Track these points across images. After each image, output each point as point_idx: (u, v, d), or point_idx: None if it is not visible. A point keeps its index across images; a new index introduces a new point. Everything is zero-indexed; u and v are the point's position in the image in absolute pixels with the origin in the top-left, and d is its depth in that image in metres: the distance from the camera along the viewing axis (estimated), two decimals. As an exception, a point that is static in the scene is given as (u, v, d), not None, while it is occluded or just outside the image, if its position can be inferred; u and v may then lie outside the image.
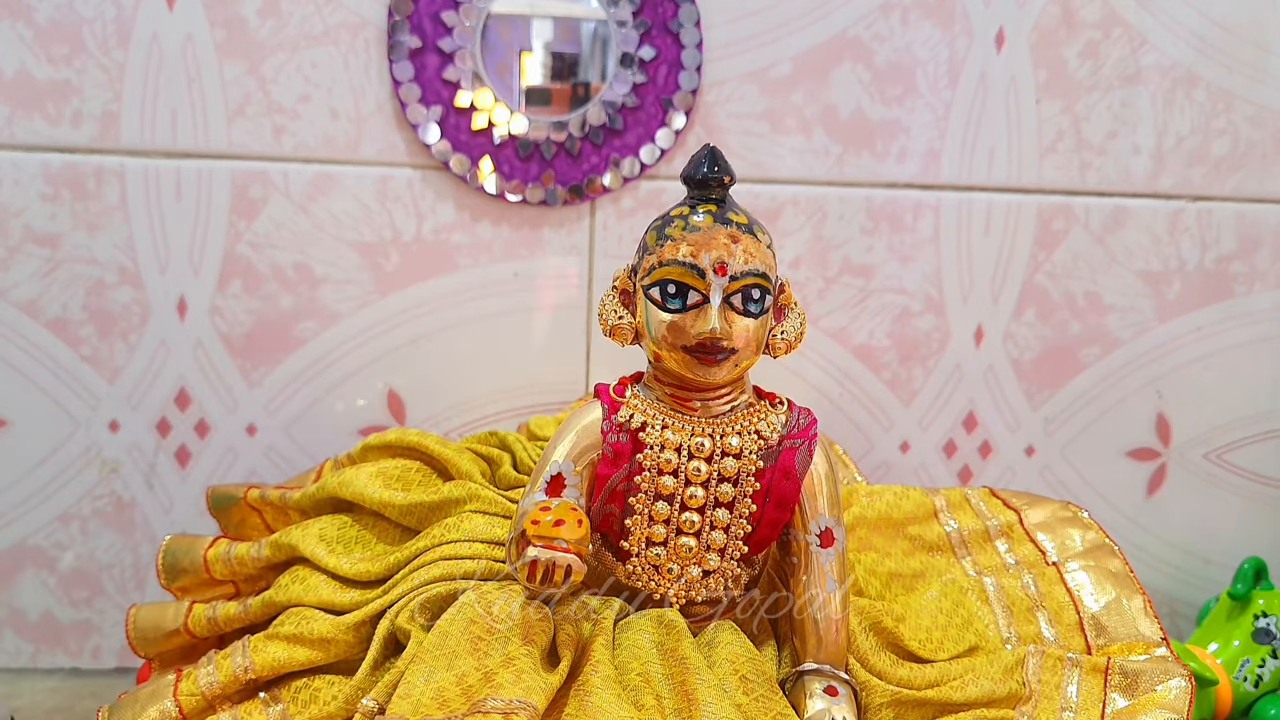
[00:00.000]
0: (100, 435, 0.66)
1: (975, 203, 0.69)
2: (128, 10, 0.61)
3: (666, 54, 0.65)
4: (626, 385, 0.47)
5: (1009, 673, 0.46)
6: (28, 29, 0.61)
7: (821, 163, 0.67)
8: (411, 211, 0.66)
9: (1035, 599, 0.51)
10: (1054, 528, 0.55)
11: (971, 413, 0.72)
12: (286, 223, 0.65)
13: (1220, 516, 0.75)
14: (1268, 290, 0.72)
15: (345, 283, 0.66)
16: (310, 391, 0.68)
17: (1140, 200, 0.70)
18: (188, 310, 0.65)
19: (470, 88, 0.64)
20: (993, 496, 0.57)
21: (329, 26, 0.63)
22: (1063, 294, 0.71)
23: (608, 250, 0.68)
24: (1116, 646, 0.48)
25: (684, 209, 0.44)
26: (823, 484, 0.46)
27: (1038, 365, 0.72)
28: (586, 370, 0.69)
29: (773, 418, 0.46)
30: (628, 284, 0.46)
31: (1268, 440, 0.74)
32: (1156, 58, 0.68)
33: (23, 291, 0.64)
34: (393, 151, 0.65)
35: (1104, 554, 0.53)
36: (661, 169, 0.66)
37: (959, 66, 0.67)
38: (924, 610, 0.50)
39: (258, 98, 0.63)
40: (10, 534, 0.67)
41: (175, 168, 0.64)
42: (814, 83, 0.66)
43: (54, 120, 0.62)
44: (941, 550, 0.55)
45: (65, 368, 0.65)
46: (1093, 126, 0.69)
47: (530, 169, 0.65)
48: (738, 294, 0.43)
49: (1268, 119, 0.70)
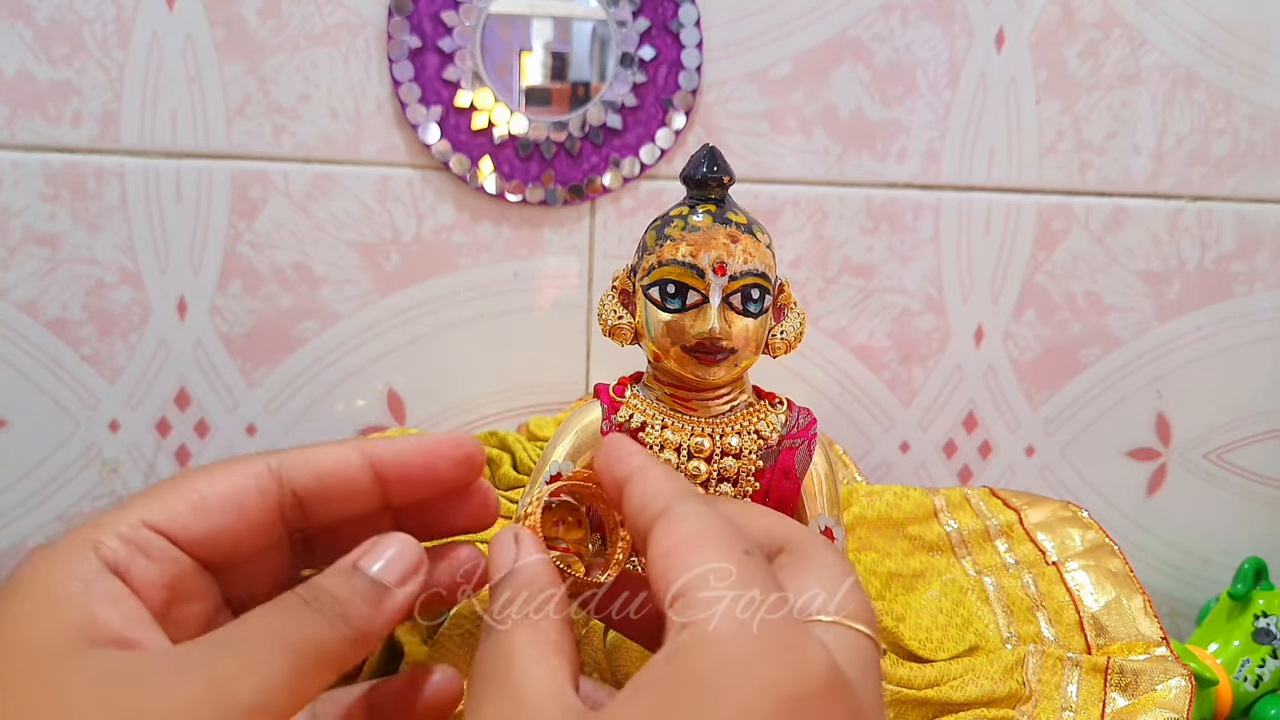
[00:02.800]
0: (100, 435, 0.66)
1: (975, 203, 0.69)
2: (128, 10, 0.61)
3: (666, 54, 0.65)
4: (626, 385, 0.47)
5: (1009, 672, 0.46)
6: (28, 29, 0.61)
7: (821, 163, 0.67)
8: (411, 211, 0.66)
9: (1035, 598, 0.51)
10: (1054, 527, 0.55)
11: (971, 413, 0.72)
12: (286, 223, 0.65)
13: (1220, 516, 0.75)
14: (1268, 290, 0.72)
15: (345, 283, 0.66)
16: (310, 391, 0.68)
17: (1140, 200, 0.70)
18: (188, 310, 0.65)
19: (470, 88, 0.64)
20: (993, 496, 0.57)
21: (329, 26, 0.63)
22: (1063, 294, 0.71)
23: (608, 250, 0.68)
24: (1116, 646, 0.48)
25: (683, 209, 0.44)
26: (822, 484, 0.46)
27: (1038, 365, 0.72)
28: (586, 370, 0.69)
29: (772, 418, 0.46)
30: (627, 284, 0.46)
31: (1268, 440, 0.74)
32: (1156, 58, 0.68)
33: (23, 291, 0.64)
34: (393, 151, 0.65)
35: (1104, 554, 0.53)
36: (661, 169, 0.66)
37: (959, 66, 0.67)
38: (924, 610, 0.50)
39: (258, 98, 0.63)
40: (10, 534, 0.67)
41: (175, 168, 0.64)
42: (814, 83, 0.66)
43: (54, 120, 0.62)
44: (941, 550, 0.55)
45: (65, 368, 0.65)
46: (1093, 126, 0.69)
47: (530, 169, 0.65)
48: (737, 294, 0.42)
49: (1268, 119, 0.70)
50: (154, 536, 0.28)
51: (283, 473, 0.30)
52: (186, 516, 0.29)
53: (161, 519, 0.28)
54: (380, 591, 0.29)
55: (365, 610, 0.28)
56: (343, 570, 0.29)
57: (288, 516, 0.31)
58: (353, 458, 0.31)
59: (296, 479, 0.30)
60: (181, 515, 0.29)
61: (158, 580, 0.28)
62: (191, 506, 0.29)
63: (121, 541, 0.28)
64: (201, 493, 0.29)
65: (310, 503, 0.31)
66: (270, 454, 0.31)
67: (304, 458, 0.31)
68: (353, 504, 0.31)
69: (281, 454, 0.31)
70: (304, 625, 0.27)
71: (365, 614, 0.28)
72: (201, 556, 0.29)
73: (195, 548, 0.29)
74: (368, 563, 0.29)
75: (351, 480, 0.31)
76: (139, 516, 0.28)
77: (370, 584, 0.29)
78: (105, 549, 0.27)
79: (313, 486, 0.31)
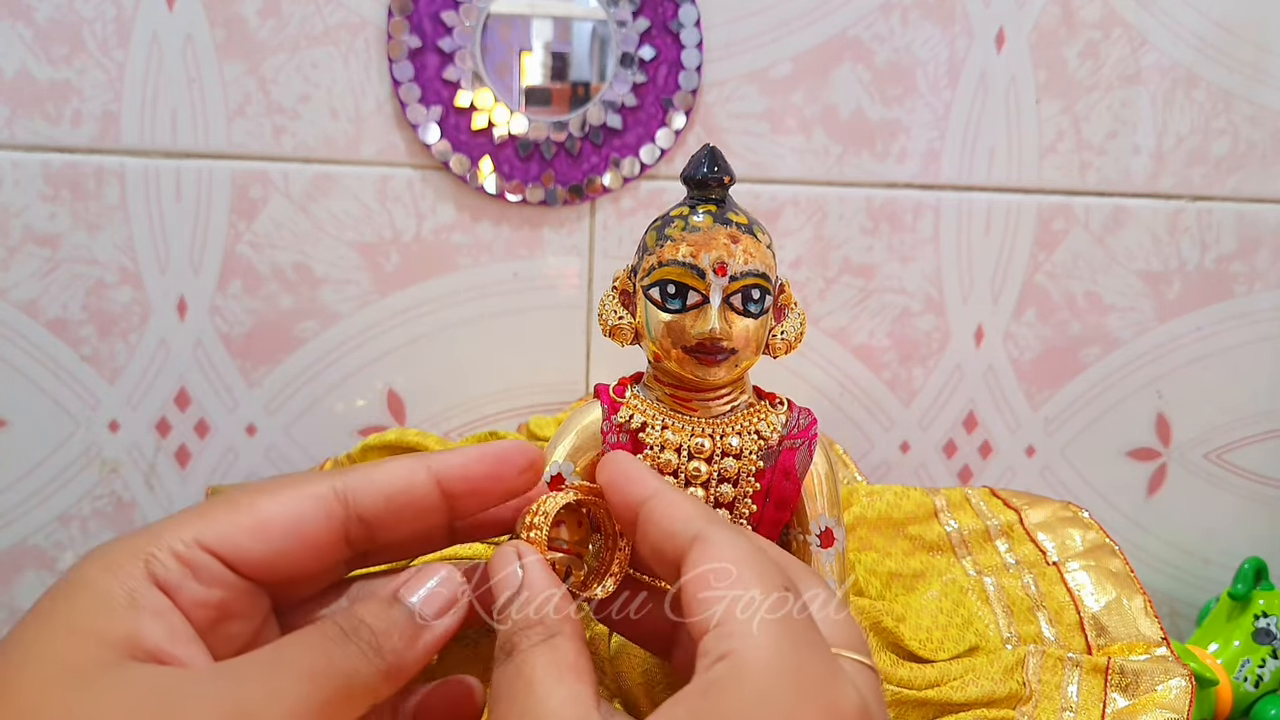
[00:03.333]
0: (100, 435, 0.66)
1: (975, 203, 0.69)
2: (128, 10, 0.61)
3: (666, 54, 0.65)
4: (626, 385, 0.47)
5: (1009, 672, 0.46)
6: (28, 29, 0.61)
7: (821, 163, 0.67)
8: (411, 211, 0.66)
9: (1036, 599, 0.51)
10: (1054, 528, 0.55)
11: (971, 413, 0.72)
12: (286, 223, 0.65)
13: (1220, 516, 0.75)
14: (1268, 290, 0.72)
15: (345, 283, 0.66)
16: (310, 391, 0.68)
17: (1140, 200, 0.70)
18: (188, 310, 0.65)
19: (470, 88, 0.64)
20: (993, 496, 0.57)
21: (329, 26, 0.63)
22: (1063, 294, 0.71)
23: (608, 250, 0.68)
24: (1117, 646, 0.48)
25: (684, 209, 0.44)
26: (823, 484, 0.46)
27: (1038, 365, 0.72)
28: (586, 370, 0.69)
29: (773, 418, 0.45)
30: (628, 284, 0.45)
31: (1268, 440, 0.74)
32: (1156, 58, 0.68)
33: (23, 291, 0.64)
34: (393, 151, 0.65)
35: (1104, 554, 0.53)
36: (661, 169, 0.66)
37: (959, 66, 0.67)
38: (924, 610, 0.50)
39: (258, 98, 0.63)
40: (10, 534, 0.67)
41: (175, 168, 0.64)
42: (814, 83, 0.66)
43: (54, 120, 0.62)
44: (942, 550, 0.55)
45: (65, 368, 0.65)
46: (1093, 126, 0.69)
47: (530, 169, 0.65)
48: (737, 294, 0.42)
49: (1268, 119, 0.70)
50: (207, 558, 0.28)
51: (349, 496, 0.30)
52: (244, 540, 0.28)
53: (216, 541, 0.28)
54: (417, 627, 0.29)
55: (400, 645, 0.28)
56: (382, 601, 0.29)
57: (353, 539, 0.30)
58: (419, 476, 0.30)
59: (364, 503, 0.30)
60: (239, 539, 0.28)
61: (206, 600, 0.28)
62: (250, 531, 0.28)
63: (174, 559, 0.27)
64: (263, 516, 0.29)
65: (377, 525, 0.30)
66: (335, 475, 0.30)
67: (370, 480, 0.30)
68: (420, 523, 0.31)
69: (346, 475, 0.30)
70: (338, 657, 0.27)
71: (399, 648, 0.28)
72: (256, 578, 0.29)
73: (250, 570, 0.28)
74: (408, 593, 0.29)
75: (420, 501, 0.30)
76: (194, 535, 0.28)
77: (408, 617, 0.28)
78: (156, 564, 0.27)
79: (380, 510, 0.30)
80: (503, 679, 0.28)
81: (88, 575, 0.27)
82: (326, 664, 0.27)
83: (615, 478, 0.31)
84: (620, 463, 0.31)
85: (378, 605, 0.29)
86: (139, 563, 0.27)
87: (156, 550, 0.27)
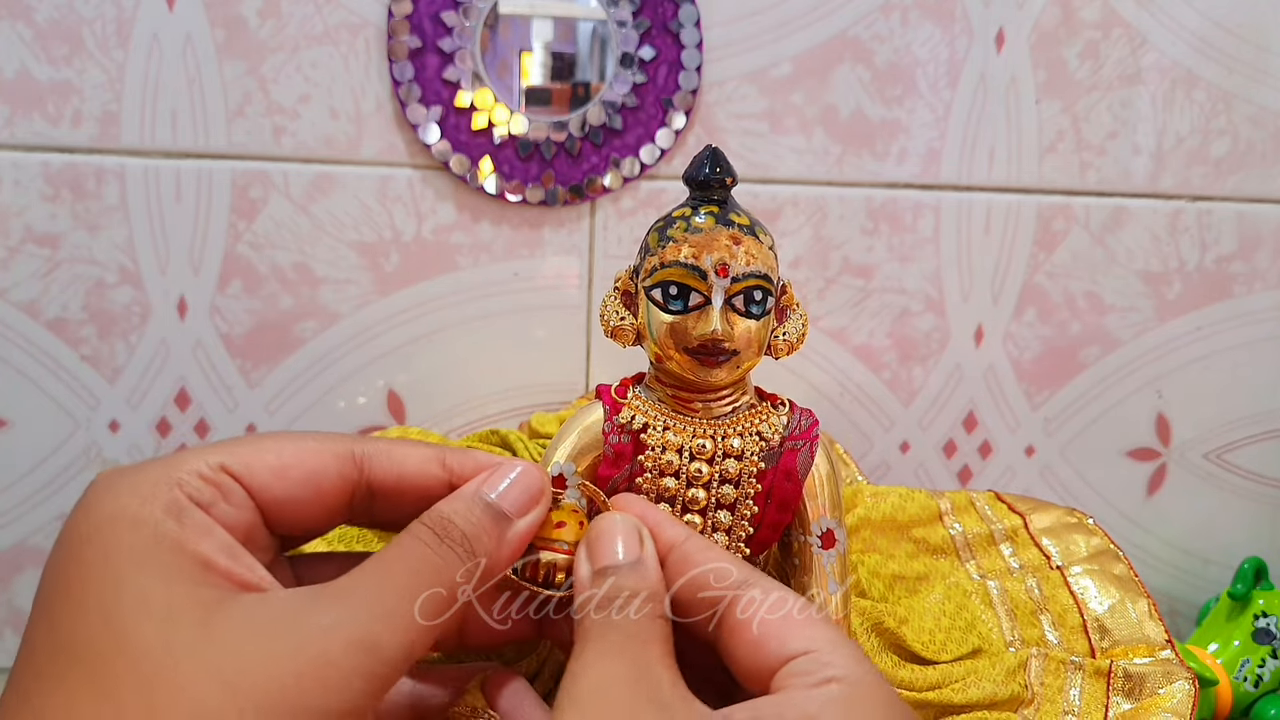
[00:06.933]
0: (100, 435, 0.66)
1: (975, 203, 0.69)
2: (128, 10, 0.61)
3: (666, 54, 0.65)
4: (628, 386, 0.47)
5: (1011, 675, 0.46)
6: (28, 29, 0.61)
7: (821, 163, 0.67)
8: (411, 211, 0.66)
9: (1039, 602, 0.51)
10: (1059, 533, 0.55)
11: (971, 413, 0.72)
12: (286, 223, 0.65)
13: (1220, 516, 0.75)
14: (1268, 290, 0.72)
15: (345, 283, 0.66)
16: (310, 391, 0.68)
17: (1140, 200, 0.70)
18: (188, 310, 0.65)
19: (470, 88, 0.64)
20: (998, 500, 0.57)
21: (329, 26, 0.63)
22: (1063, 294, 0.71)
23: (608, 250, 0.68)
24: (1121, 649, 0.48)
25: (685, 210, 0.44)
26: (824, 485, 0.46)
27: (1038, 365, 0.72)
28: (586, 370, 0.69)
29: (774, 419, 0.45)
30: (629, 285, 0.45)
31: (1268, 440, 0.75)
32: (1156, 58, 0.68)
33: (23, 291, 0.64)
34: (393, 151, 0.65)
35: (1108, 559, 0.53)
36: (662, 169, 0.66)
37: (959, 67, 0.67)
38: (927, 612, 0.50)
39: (258, 98, 0.63)
40: (10, 534, 0.67)
41: (175, 168, 0.63)
42: (814, 83, 0.66)
43: (54, 120, 0.62)
44: (946, 553, 0.55)
45: (65, 368, 0.65)
46: (1093, 126, 0.69)
47: (530, 169, 0.65)
48: (739, 295, 0.42)
49: (1268, 119, 0.70)
50: (233, 483, 0.27)
51: (366, 462, 0.30)
52: (265, 477, 0.28)
53: (241, 469, 0.28)
54: (503, 522, 0.29)
55: (489, 543, 0.28)
56: (466, 499, 0.29)
57: (355, 503, 0.30)
58: (434, 467, 0.31)
59: (378, 472, 0.30)
60: (262, 474, 0.28)
61: (237, 523, 0.27)
62: (271, 469, 0.28)
63: (202, 480, 0.27)
64: (283, 459, 0.28)
65: (382, 496, 0.31)
66: (357, 440, 0.30)
67: (389, 455, 0.31)
68: (419, 508, 0.31)
69: (367, 443, 0.30)
70: (440, 566, 0.27)
71: (490, 546, 0.28)
72: (269, 517, 0.28)
73: (267, 505, 0.28)
74: (489, 489, 0.29)
75: (429, 488, 0.31)
76: (219, 460, 0.27)
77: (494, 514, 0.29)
78: (189, 486, 0.26)
79: (391, 483, 0.30)
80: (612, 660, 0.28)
81: (125, 508, 0.25)
82: (433, 575, 0.27)
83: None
84: (630, 508, 0.34)
85: (463, 504, 0.29)
86: (171, 487, 0.26)
87: (184, 475, 0.26)
